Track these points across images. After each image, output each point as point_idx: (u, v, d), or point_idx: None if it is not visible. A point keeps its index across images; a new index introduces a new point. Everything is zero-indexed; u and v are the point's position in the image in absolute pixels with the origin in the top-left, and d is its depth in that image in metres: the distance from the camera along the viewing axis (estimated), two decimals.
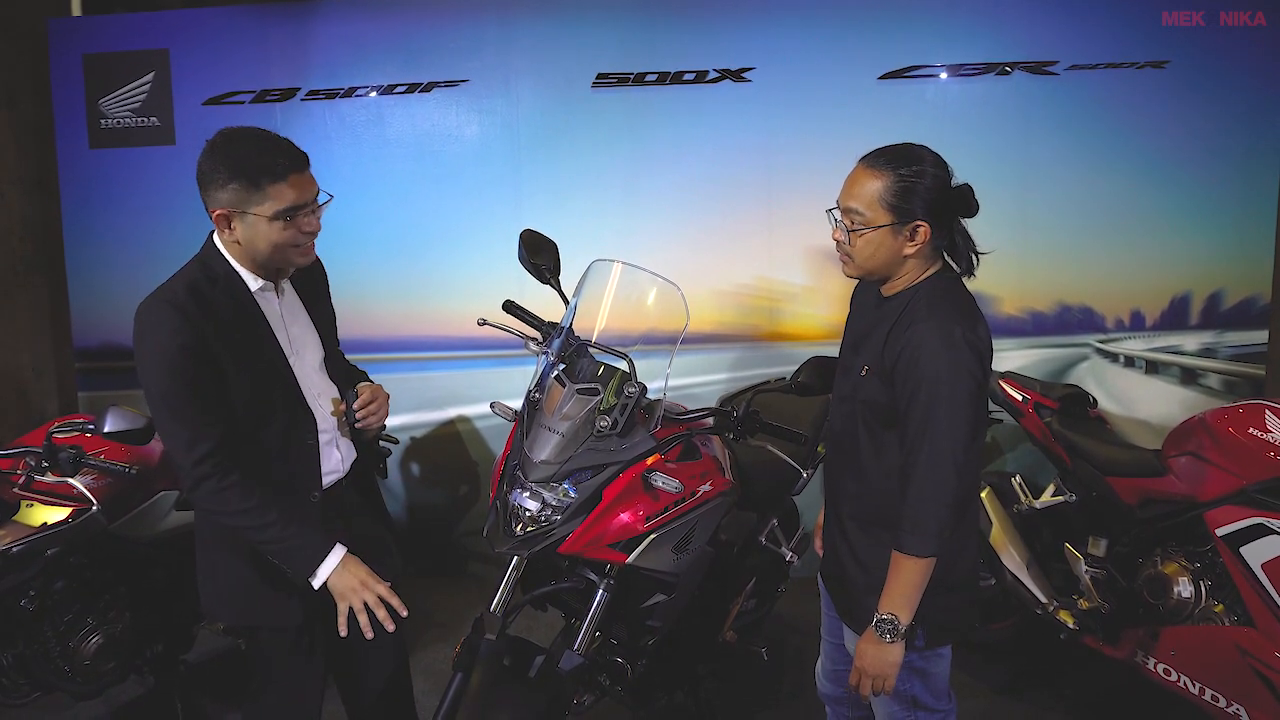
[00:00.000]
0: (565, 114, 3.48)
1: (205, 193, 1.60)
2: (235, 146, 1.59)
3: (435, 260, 3.60)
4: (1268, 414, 2.27)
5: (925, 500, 1.52)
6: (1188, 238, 3.37)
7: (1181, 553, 2.40)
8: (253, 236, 1.61)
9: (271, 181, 1.57)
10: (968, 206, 1.61)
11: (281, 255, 1.65)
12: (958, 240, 1.63)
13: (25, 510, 2.28)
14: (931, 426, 1.51)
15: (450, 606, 3.49)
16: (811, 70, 3.38)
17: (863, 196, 1.58)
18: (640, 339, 2.06)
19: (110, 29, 3.61)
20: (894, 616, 1.55)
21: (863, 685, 1.62)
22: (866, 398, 1.64)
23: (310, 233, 1.66)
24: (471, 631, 1.94)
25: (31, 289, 3.88)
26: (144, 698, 2.80)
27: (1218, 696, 2.23)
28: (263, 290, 1.69)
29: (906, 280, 1.64)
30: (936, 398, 1.50)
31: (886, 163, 1.57)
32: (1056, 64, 3.31)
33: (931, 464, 1.51)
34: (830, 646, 1.98)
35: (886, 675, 1.59)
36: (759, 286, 3.53)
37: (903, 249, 1.59)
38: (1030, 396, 2.85)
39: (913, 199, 1.55)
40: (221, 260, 1.65)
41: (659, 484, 1.92)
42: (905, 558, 1.54)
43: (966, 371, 1.52)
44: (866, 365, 1.64)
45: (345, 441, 1.85)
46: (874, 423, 1.64)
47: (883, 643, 1.57)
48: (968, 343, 1.52)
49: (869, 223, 1.58)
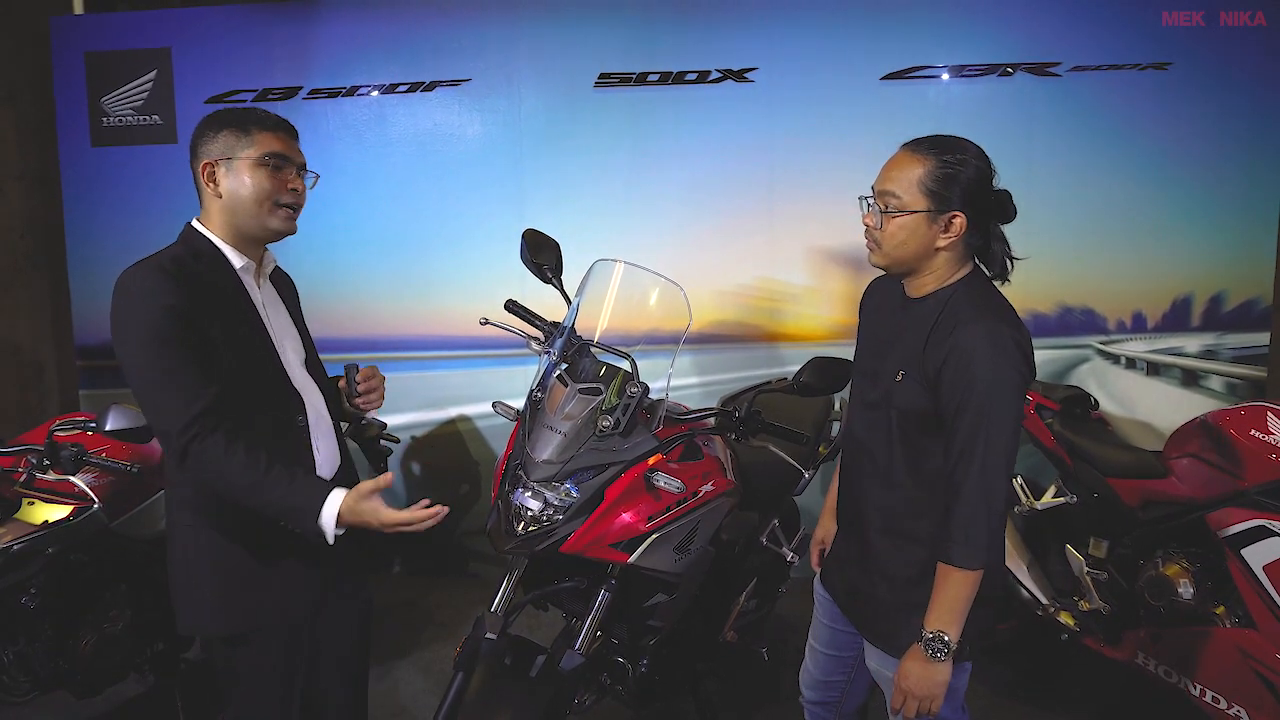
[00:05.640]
0: (568, 114, 3.49)
1: (195, 152, 1.64)
2: (227, 109, 1.68)
3: (437, 259, 3.60)
4: (1269, 416, 2.27)
5: (977, 510, 1.45)
6: (1190, 239, 3.37)
7: (1183, 554, 2.40)
8: (237, 186, 1.61)
9: (261, 129, 1.63)
10: (1005, 211, 1.56)
11: (264, 211, 1.63)
12: (993, 245, 1.57)
13: (26, 508, 2.28)
14: (985, 433, 1.44)
15: (451, 606, 3.50)
16: (814, 71, 3.38)
17: (901, 180, 1.51)
18: (642, 339, 2.06)
19: (112, 27, 3.61)
20: (943, 633, 1.47)
21: (907, 707, 1.53)
22: (904, 405, 1.55)
23: (295, 193, 1.67)
24: (473, 631, 1.94)
25: (33, 286, 3.88)
26: (145, 696, 2.80)
27: (1219, 698, 2.23)
28: (244, 270, 1.67)
29: (936, 280, 1.57)
30: (990, 403, 1.44)
31: (930, 148, 1.51)
32: (1059, 65, 3.31)
33: (984, 472, 1.44)
34: (822, 657, 1.90)
35: (935, 696, 1.50)
36: (761, 287, 3.53)
37: (935, 240, 1.52)
38: (1032, 398, 2.85)
39: (953, 187, 1.49)
40: (203, 239, 1.65)
41: (661, 484, 1.92)
42: (955, 570, 1.46)
43: (1018, 375, 1.46)
44: (902, 370, 1.55)
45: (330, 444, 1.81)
46: (912, 430, 1.56)
47: (932, 662, 1.48)
48: (1017, 345, 1.46)
49: (904, 206, 1.51)
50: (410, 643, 3.19)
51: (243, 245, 1.67)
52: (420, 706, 2.78)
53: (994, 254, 1.57)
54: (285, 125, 1.68)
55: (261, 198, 1.62)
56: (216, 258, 1.64)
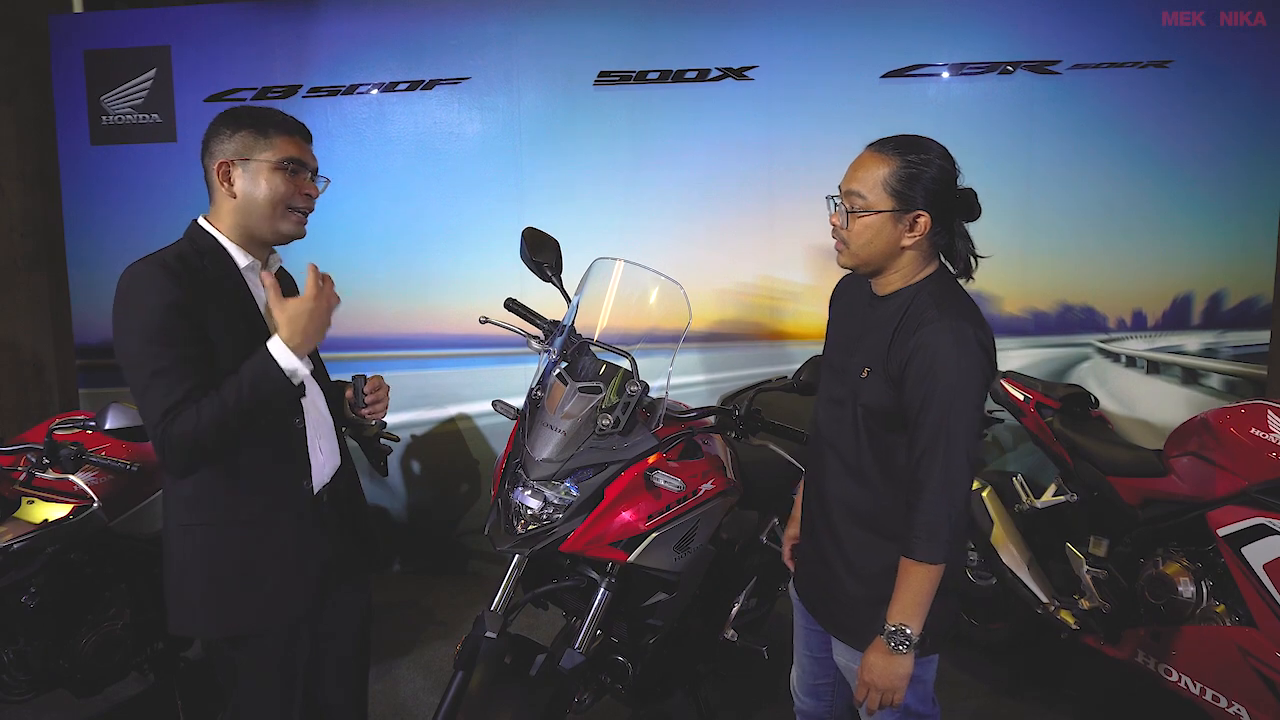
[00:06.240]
0: (567, 112, 3.48)
1: (209, 149, 1.62)
2: (244, 109, 1.65)
3: (437, 258, 3.60)
4: (1270, 414, 2.27)
5: (940, 506, 1.47)
6: (1190, 237, 3.37)
7: (1183, 553, 2.40)
8: (252, 188, 1.60)
9: (280, 133, 1.62)
10: (970, 209, 1.58)
11: (277, 214, 1.63)
12: (957, 243, 1.59)
13: (26, 507, 2.28)
14: (948, 430, 1.46)
15: (451, 604, 3.50)
16: (814, 69, 3.38)
17: (866, 180, 1.54)
18: (642, 337, 2.06)
19: (112, 25, 3.61)
20: (905, 626, 1.49)
21: (870, 699, 1.55)
22: (869, 401, 1.57)
23: (308, 198, 1.67)
24: (473, 629, 1.93)
25: (32, 285, 3.89)
26: (144, 695, 2.80)
27: (1219, 697, 2.23)
28: (249, 270, 1.67)
29: (902, 278, 1.59)
30: (953, 400, 1.46)
31: (894, 149, 1.54)
32: (1059, 63, 3.31)
33: (947, 468, 1.46)
34: (808, 660, 1.90)
35: (896, 688, 1.52)
36: (761, 285, 3.53)
37: (901, 239, 1.55)
38: (1032, 396, 2.85)
39: (916, 187, 1.51)
40: (209, 237, 1.64)
41: (661, 482, 1.92)
42: (917, 565, 1.48)
43: (981, 373, 1.49)
44: (867, 367, 1.58)
45: (331, 444, 1.80)
46: (877, 426, 1.58)
47: (894, 654, 1.50)
48: (979, 343, 1.49)
49: (869, 206, 1.54)
50: (410, 641, 3.19)
51: (250, 245, 1.67)
52: (420, 705, 2.78)
53: (958, 252, 1.60)
54: (302, 129, 1.68)
55: (276, 201, 1.62)
56: (221, 256, 1.63)
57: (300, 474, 1.69)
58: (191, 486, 1.61)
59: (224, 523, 1.62)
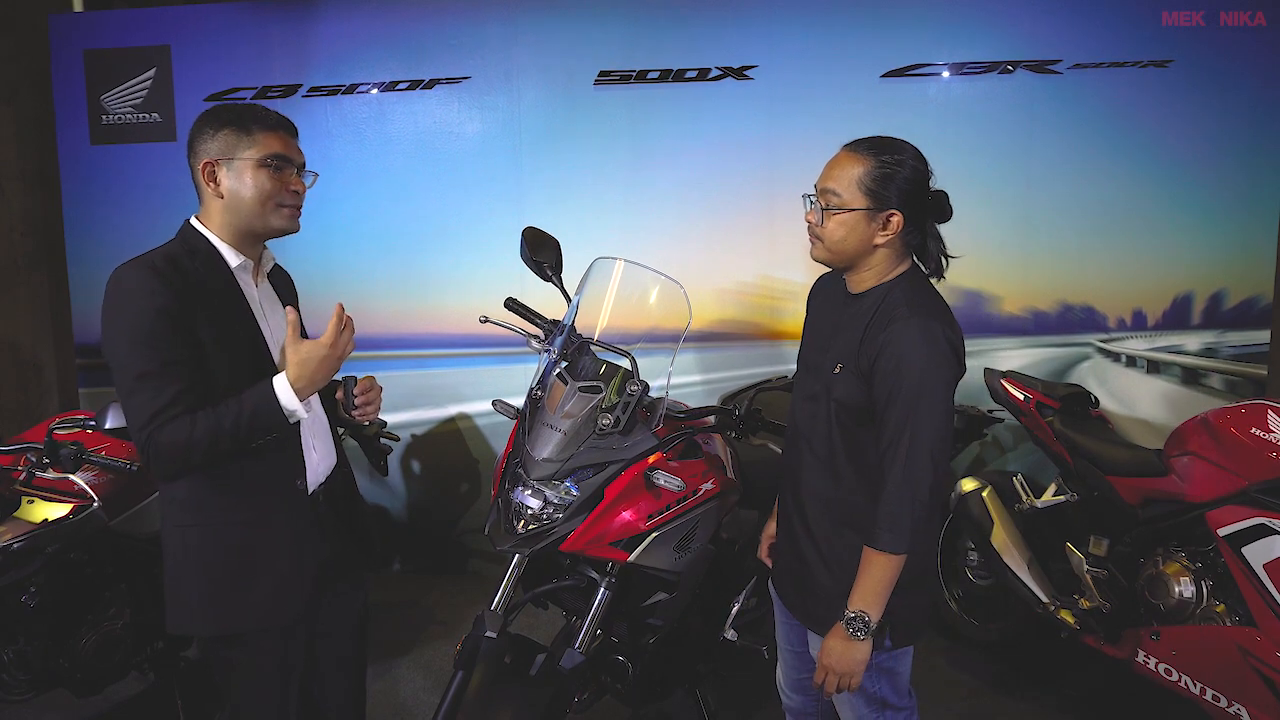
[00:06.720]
0: (567, 111, 3.48)
1: (193, 149, 1.61)
2: (227, 107, 1.64)
3: (437, 257, 3.60)
4: (1270, 414, 2.27)
5: (902, 498, 1.51)
6: (1190, 237, 3.37)
7: (1183, 553, 2.40)
8: (239, 186, 1.60)
9: (262, 130, 1.61)
10: (942, 211, 1.63)
11: (267, 211, 1.62)
12: (930, 244, 1.64)
13: (26, 506, 2.28)
14: (912, 424, 1.50)
15: (451, 604, 3.50)
16: (814, 68, 3.38)
17: (841, 179, 1.59)
18: (642, 337, 2.06)
19: (112, 25, 3.61)
20: (864, 613, 1.54)
21: (828, 683, 1.60)
22: (841, 396, 1.61)
23: (296, 193, 1.66)
24: (472, 629, 1.93)
25: (32, 285, 3.89)
26: (144, 694, 2.80)
27: (1219, 696, 2.23)
28: (241, 269, 1.66)
29: (875, 276, 1.64)
30: (918, 395, 1.50)
31: (869, 149, 1.59)
32: (1059, 63, 3.31)
33: (909, 461, 1.50)
34: (791, 655, 1.94)
35: (853, 673, 1.57)
36: (761, 285, 3.52)
37: (874, 237, 1.59)
38: (1032, 396, 2.85)
39: (890, 186, 1.56)
40: (200, 237, 1.63)
41: (661, 482, 1.92)
42: (878, 554, 1.53)
43: (949, 370, 1.53)
44: (840, 363, 1.62)
45: (326, 443, 1.80)
46: (849, 422, 1.62)
47: (852, 640, 1.55)
48: (948, 340, 1.53)
49: (844, 204, 1.58)
50: (410, 641, 3.19)
51: (242, 243, 1.65)
52: (420, 705, 2.78)
53: (930, 252, 1.65)
54: (286, 124, 1.66)
55: (264, 198, 1.61)
56: (212, 256, 1.62)
57: (295, 474, 1.69)
58: (185, 488, 1.61)
59: (219, 523, 1.62)
